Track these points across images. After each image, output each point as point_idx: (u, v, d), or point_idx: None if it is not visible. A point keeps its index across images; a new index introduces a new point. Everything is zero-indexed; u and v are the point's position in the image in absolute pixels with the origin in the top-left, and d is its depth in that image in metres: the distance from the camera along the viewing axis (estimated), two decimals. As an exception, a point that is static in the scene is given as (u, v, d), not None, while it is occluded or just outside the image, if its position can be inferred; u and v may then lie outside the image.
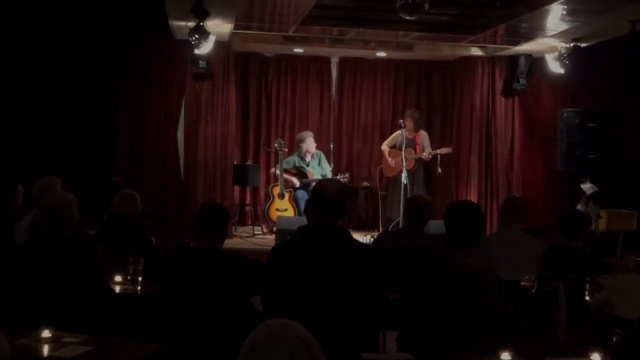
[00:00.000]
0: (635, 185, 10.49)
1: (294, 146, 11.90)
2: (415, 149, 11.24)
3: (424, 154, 11.19)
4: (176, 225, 10.40)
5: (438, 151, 11.27)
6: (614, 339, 3.95)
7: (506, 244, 6.03)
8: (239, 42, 11.31)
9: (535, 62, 11.56)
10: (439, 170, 11.33)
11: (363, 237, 9.69)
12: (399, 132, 11.17)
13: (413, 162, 11.18)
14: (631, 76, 10.27)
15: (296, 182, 11.18)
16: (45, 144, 10.06)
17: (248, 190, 12.06)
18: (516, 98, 12.12)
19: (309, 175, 11.01)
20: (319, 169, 11.17)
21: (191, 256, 4.76)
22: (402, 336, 4.45)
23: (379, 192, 11.98)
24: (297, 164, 11.22)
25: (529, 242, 6.16)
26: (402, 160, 10.91)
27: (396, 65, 13.12)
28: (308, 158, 11.22)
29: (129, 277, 5.41)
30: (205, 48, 9.78)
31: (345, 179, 10.95)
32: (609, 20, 9.40)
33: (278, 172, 11.18)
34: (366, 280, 4.15)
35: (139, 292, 5.36)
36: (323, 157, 11.34)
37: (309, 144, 11.23)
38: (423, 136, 11.37)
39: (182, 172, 11.16)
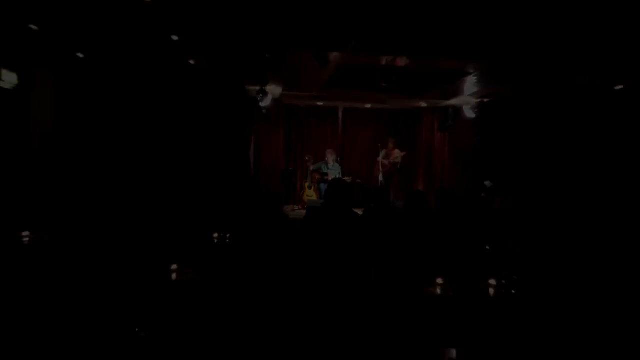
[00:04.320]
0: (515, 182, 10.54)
1: (319, 159, 12.00)
2: (390, 158, 11.45)
3: (394, 159, 11.39)
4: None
5: (400, 154, 11.43)
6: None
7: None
8: (285, 98, 11.35)
9: (458, 110, 11.59)
10: (399, 165, 11.48)
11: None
12: (383, 151, 11.43)
13: (388, 166, 11.37)
14: (512, 117, 10.36)
15: (316, 177, 11.34)
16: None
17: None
18: (447, 133, 12.14)
19: (329, 176, 11.13)
20: (336, 172, 11.26)
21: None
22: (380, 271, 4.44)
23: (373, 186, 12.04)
24: (322, 168, 11.30)
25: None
26: (381, 165, 11.24)
27: (377, 112, 13.16)
28: (330, 164, 11.30)
29: None
30: (266, 102, 9.86)
31: (349, 180, 11.08)
32: (500, 87, 9.49)
33: (312, 167, 11.41)
34: (362, 234, 4.13)
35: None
36: (339, 167, 11.43)
37: (328, 156, 11.37)
38: (397, 152, 11.50)
39: (252, 173, 11.24)
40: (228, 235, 5.06)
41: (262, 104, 9.90)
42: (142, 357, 2.85)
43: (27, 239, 4.67)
